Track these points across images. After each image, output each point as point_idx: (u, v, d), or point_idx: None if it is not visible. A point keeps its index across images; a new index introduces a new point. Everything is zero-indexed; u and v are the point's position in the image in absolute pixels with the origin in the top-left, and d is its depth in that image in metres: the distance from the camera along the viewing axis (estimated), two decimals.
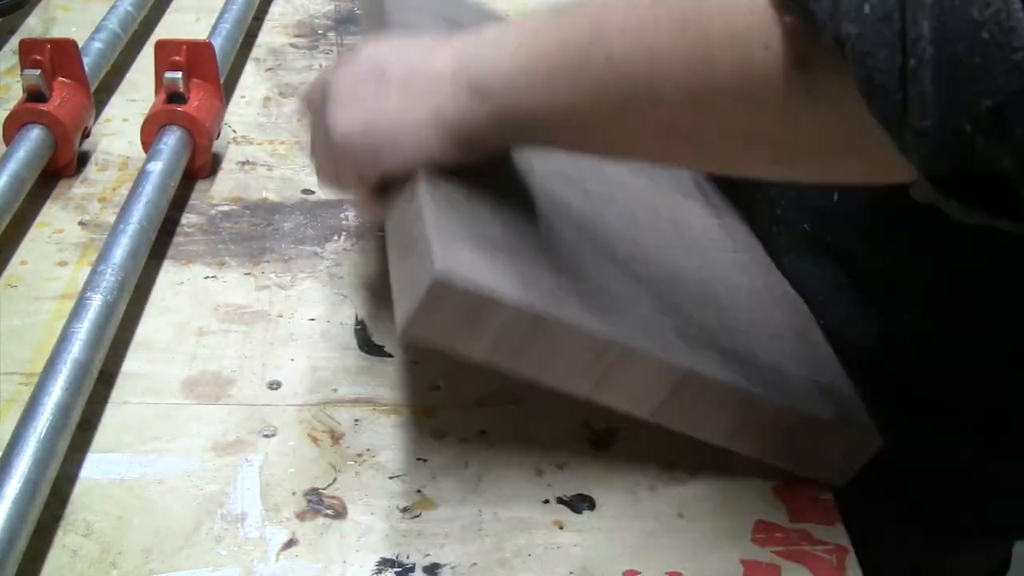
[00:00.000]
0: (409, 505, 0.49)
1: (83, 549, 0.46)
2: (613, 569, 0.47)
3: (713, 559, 0.48)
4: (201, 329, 0.58)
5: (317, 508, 0.49)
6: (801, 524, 0.49)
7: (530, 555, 0.47)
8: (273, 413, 0.54)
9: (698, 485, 0.51)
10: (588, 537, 0.48)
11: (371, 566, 0.47)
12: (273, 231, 0.66)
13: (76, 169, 0.70)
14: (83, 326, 0.52)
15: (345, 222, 0.67)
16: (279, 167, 0.72)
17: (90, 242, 0.64)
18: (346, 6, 0.93)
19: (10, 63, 0.81)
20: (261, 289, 0.62)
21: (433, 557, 0.47)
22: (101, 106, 0.77)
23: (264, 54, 0.86)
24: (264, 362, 0.57)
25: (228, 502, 0.49)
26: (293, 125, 0.77)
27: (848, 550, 0.48)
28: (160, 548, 0.46)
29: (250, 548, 0.47)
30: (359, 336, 0.59)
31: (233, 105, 0.78)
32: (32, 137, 0.66)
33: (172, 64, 0.68)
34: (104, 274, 0.56)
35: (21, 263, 0.62)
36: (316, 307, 0.61)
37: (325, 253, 0.65)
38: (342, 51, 0.87)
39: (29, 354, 0.56)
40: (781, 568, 0.47)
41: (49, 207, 0.67)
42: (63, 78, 0.69)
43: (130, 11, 0.82)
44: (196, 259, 0.64)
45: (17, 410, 0.49)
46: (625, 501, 0.50)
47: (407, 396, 0.55)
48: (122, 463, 0.50)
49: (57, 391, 0.49)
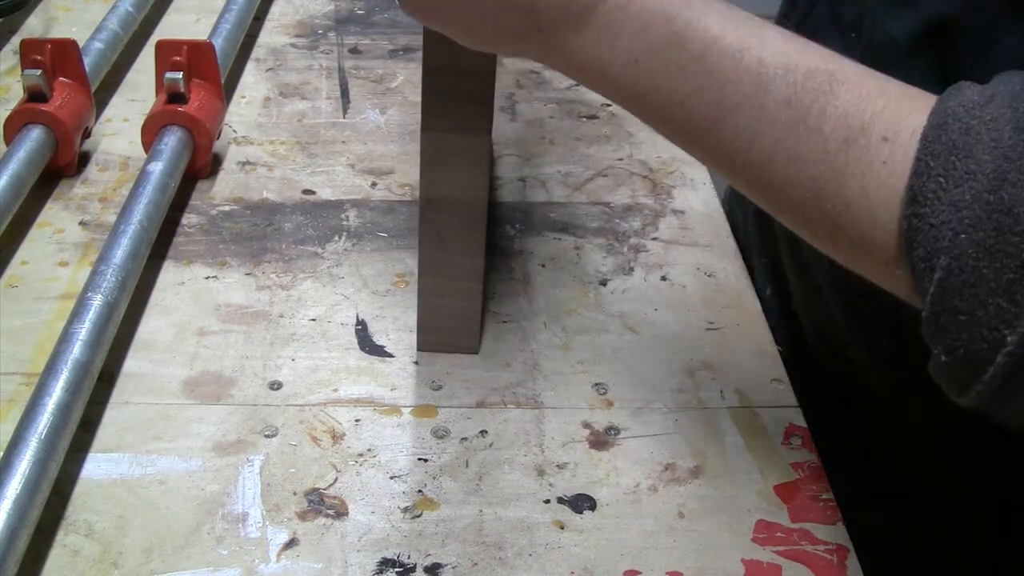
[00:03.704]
0: (410, 505, 0.49)
1: (84, 549, 0.46)
2: (614, 569, 0.47)
3: (714, 559, 0.48)
4: (202, 329, 0.58)
5: (318, 508, 0.49)
6: (802, 524, 0.49)
7: (531, 555, 0.47)
8: (274, 413, 0.54)
9: (698, 485, 0.51)
10: (589, 537, 0.48)
11: (372, 566, 0.47)
12: (274, 231, 0.66)
13: (77, 169, 0.70)
14: (84, 326, 0.52)
15: (345, 222, 0.67)
16: (279, 167, 0.72)
17: (91, 242, 0.64)
18: (346, 6, 0.93)
19: (11, 63, 0.81)
20: (262, 289, 0.62)
21: (434, 557, 0.47)
22: (102, 106, 0.77)
23: (264, 54, 0.86)
24: (265, 362, 0.57)
25: (229, 502, 0.49)
26: (293, 125, 0.77)
27: (849, 550, 0.48)
28: (161, 548, 0.46)
29: (251, 548, 0.47)
30: (360, 336, 0.59)
31: (233, 105, 0.78)
32: (33, 137, 0.66)
33: (173, 64, 0.68)
34: (105, 274, 0.56)
35: (22, 263, 0.62)
36: (317, 307, 0.61)
37: (325, 253, 0.65)
38: (342, 51, 0.87)
39: (30, 354, 0.56)
40: (782, 568, 0.47)
41: (50, 207, 0.67)
42: (64, 78, 0.69)
43: (130, 11, 0.82)
44: (197, 259, 0.64)
45: (18, 410, 0.49)
46: (625, 501, 0.50)
47: (407, 396, 0.55)
48: (123, 463, 0.50)
49: (58, 391, 0.49)
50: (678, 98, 0.41)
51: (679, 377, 0.57)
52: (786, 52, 0.40)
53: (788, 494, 0.51)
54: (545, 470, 0.52)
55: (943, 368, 0.37)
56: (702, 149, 0.43)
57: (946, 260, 0.35)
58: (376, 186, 0.71)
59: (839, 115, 0.38)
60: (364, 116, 0.78)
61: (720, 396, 0.56)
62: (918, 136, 0.37)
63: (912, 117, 0.38)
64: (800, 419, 0.55)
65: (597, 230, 0.68)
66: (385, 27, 0.90)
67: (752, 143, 0.40)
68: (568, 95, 0.81)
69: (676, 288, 0.63)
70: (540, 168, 0.73)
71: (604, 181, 0.72)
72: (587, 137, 0.77)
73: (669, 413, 0.55)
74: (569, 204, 0.70)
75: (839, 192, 0.39)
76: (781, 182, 0.40)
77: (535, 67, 0.85)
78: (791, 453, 0.53)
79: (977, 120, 0.36)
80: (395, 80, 0.83)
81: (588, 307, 0.61)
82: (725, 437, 0.54)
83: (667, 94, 0.42)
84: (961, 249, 0.35)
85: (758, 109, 0.40)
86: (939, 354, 0.37)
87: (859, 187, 0.38)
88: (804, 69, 0.39)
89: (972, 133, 0.36)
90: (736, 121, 0.40)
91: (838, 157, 0.38)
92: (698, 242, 0.67)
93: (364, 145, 0.75)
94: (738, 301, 0.62)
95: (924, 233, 0.36)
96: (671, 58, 0.41)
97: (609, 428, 0.54)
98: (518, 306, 0.61)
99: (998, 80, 0.38)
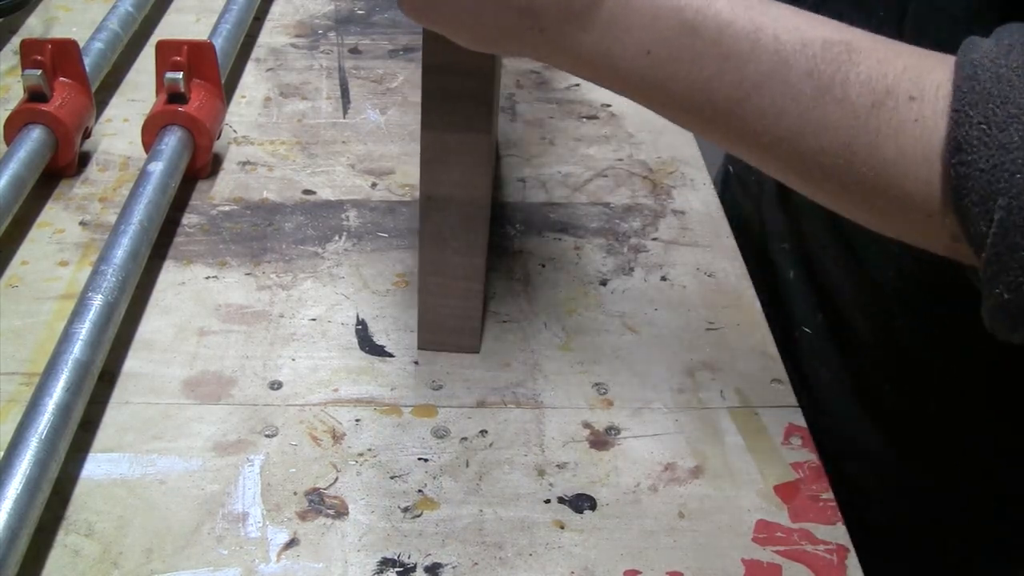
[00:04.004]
0: (410, 505, 0.49)
1: (84, 549, 0.46)
2: (614, 569, 0.47)
3: (714, 559, 0.48)
4: (202, 329, 0.58)
5: (318, 508, 0.49)
6: (802, 524, 0.49)
7: (531, 555, 0.47)
8: (274, 413, 0.54)
9: (698, 485, 0.51)
10: (589, 537, 0.48)
11: (372, 566, 0.47)
12: (274, 231, 0.66)
13: (77, 169, 0.70)
14: (84, 326, 0.52)
15: (346, 222, 0.67)
16: (280, 167, 0.72)
17: (91, 242, 0.64)
18: (346, 6, 0.93)
19: (11, 63, 0.81)
20: (262, 289, 0.62)
21: (434, 557, 0.47)
22: (102, 106, 0.77)
23: (264, 54, 0.86)
24: (265, 362, 0.57)
25: (229, 502, 0.49)
26: (293, 125, 0.77)
27: (849, 550, 0.48)
28: (161, 548, 0.47)
29: (251, 548, 0.47)
30: (360, 336, 0.59)
31: (234, 105, 0.78)
32: (33, 137, 0.66)
33: (173, 64, 0.68)
34: (105, 274, 0.56)
35: (22, 263, 0.62)
36: (317, 307, 0.61)
37: (326, 253, 0.65)
38: (342, 51, 0.87)
39: (30, 354, 0.56)
40: (782, 568, 0.47)
41: (50, 207, 0.67)
42: (64, 78, 0.69)
43: (131, 11, 0.82)
44: (197, 259, 0.64)
45: (18, 410, 0.49)
46: (625, 501, 0.50)
47: (408, 396, 0.55)
48: (123, 463, 0.50)
49: (58, 391, 0.49)
50: (698, 84, 0.42)
51: (679, 377, 0.57)
52: (799, 27, 0.41)
53: (788, 494, 0.51)
54: (545, 470, 0.52)
55: (1003, 307, 0.38)
56: (726, 130, 0.43)
57: (1005, 200, 0.36)
58: (376, 186, 0.71)
59: (863, 81, 0.39)
60: (364, 116, 0.78)
61: (720, 396, 0.56)
62: (944, 91, 0.38)
63: (933, 74, 0.39)
64: (800, 419, 0.55)
65: (597, 230, 0.68)
66: (385, 27, 0.90)
67: (779, 118, 0.41)
68: (568, 95, 0.81)
69: (676, 288, 0.63)
70: (540, 168, 0.73)
71: (604, 181, 0.72)
72: (587, 137, 0.77)
73: (669, 413, 0.55)
74: (569, 204, 0.70)
75: (874, 155, 0.39)
76: (813, 153, 0.41)
77: (535, 67, 0.85)
78: (791, 453, 0.53)
79: (1005, 68, 0.37)
80: (395, 80, 0.83)
81: (588, 307, 0.61)
82: (725, 437, 0.54)
83: (685, 82, 0.42)
84: (1020, 188, 0.36)
85: (781, 85, 0.40)
86: (1000, 293, 0.38)
87: (895, 147, 0.39)
88: (820, 41, 0.40)
89: (1004, 80, 0.37)
90: (760, 99, 0.41)
91: (868, 121, 0.39)
92: (698, 242, 0.67)
93: (364, 145, 0.75)
94: (738, 301, 0.62)
95: (975, 179, 0.37)
96: (686, 46, 0.41)
97: (609, 428, 0.54)
98: (518, 306, 0.61)
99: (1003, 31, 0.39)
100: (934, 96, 0.39)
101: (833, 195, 0.43)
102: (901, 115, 0.39)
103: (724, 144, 0.44)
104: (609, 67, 0.43)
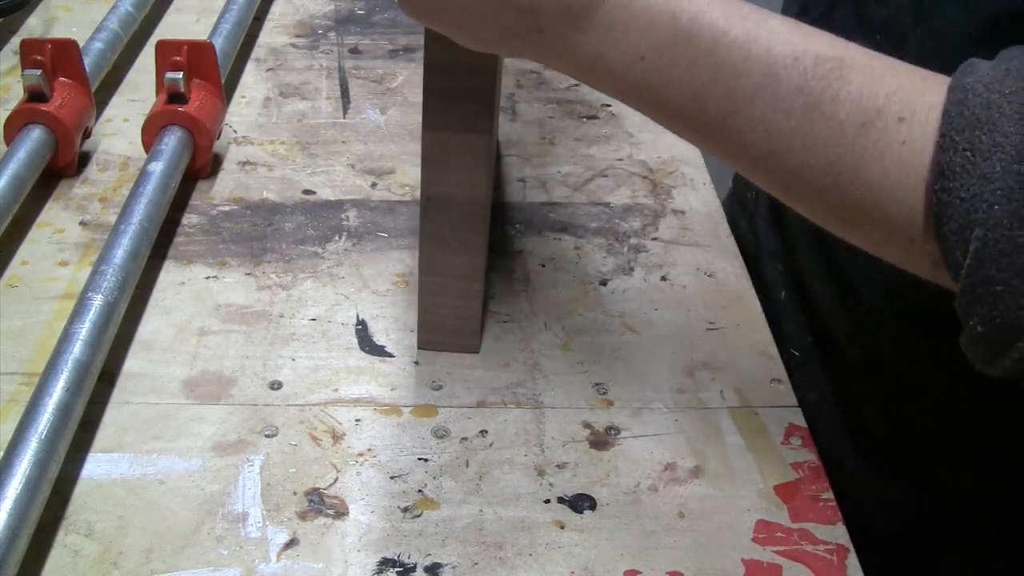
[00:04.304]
0: (410, 505, 0.49)
1: (84, 549, 0.46)
2: (614, 569, 0.47)
3: (714, 559, 0.48)
4: (202, 329, 0.58)
5: (318, 508, 0.49)
6: (802, 524, 0.49)
7: (531, 555, 0.47)
8: (274, 413, 0.54)
9: (698, 485, 0.51)
10: (589, 537, 0.48)
11: (372, 566, 0.47)
12: (274, 231, 0.66)
13: (77, 169, 0.70)
14: (84, 326, 0.52)
15: (345, 222, 0.67)
16: (279, 167, 0.72)
17: (91, 242, 0.64)
18: (346, 6, 0.93)
19: (11, 63, 0.81)
20: (262, 289, 0.62)
21: (434, 557, 0.47)
22: (102, 106, 0.77)
23: (264, 54, 0.86)
24: (265, 362, 0.57)
25: (229, 502, 0.49)
26: (293, 125, 0.77)
27: (849, 550, 0.48)
28: (161, 548, 0.47)
29: (251, 548, 0.47)
30: (360, 336, 0.59)
31: (234, 105, 0.78)
32: (33, 137, 0.66)
33: (173, 64, 0.68)
34: (105, 274, 0.56)
35: (22, 263, 0.62)
36: (317, 307, 0.61)
37: (326, 253, 0.65)
38: (342, 51, 0.87)
39: (30, 354, 0.56)
40: (782, 568, 0.47)
41: (50, 207, 0.67)
42: (64, 78, 0.69)
43: (131, 11, 0.82)
44: (197, 259, 0.64)
45: (18, 410, 0.49)
46: (625, 501, 0.50)
47: (407, 396, 0.55)
48: (123, 463, 0.50)
49: (58, 391, 0.49)
50: (690, 92, 0.42)
51: (679, 377, 0.57)
52: (792, 40, 0.40)
53: (788, 494, 0.51)
54: (545, 470, 0.52)
55: (978, 339, 0.38)
56: (716, 141, 0.43)
57: (981, 232, 0.36)
58: (376, 186, 0.71)
59: (853, 99, 0.39)
60: (364, 116, 0.78)
61: (720, 396, 0.56)
62: (935, 114, 0.38)
63: (925, 96, 0.38)
64: (800, 419, 0.55)
65: (597, 230, 0.68)
66: (385, 27, 0.90)
67: (768, 132, 0.40)
68: (568, 95, 0.81)
69: (676, 288, 0.63)
70: (540, 168, 0.73)
71: (604, 181, 0.72)
72: (587, 137, 0.77)
73: (669, 413, 0.55)
74: (569, 204, 0.70)
75: (859, 175, 0.39)
76: (799, 169, 0.40)
77: (535, 67, 0.85)
78: (791, 453, 0.53)
79: (997, 94, 0.37)
80: (395, 80, 0.83)
81: (588, 307, 0.61)
82: (725, 437, 0.54)
83: (678, 89, 0.42)
84: (996, 220, 0.35)
85: (772, 99, 0.40)
86: (975, 325, 0.37)
87: (880, 168, 0.38)
88: (812, 56, 0.40)
89: (994, 107, 0.36)
90: (751, 112, 0.41)
91: (856, 141, 0.39)
92: (698, 242, 0.67)
93: (364, 145, 0.75)
94: (738, 301, 0.62)
95: (955, 207, 0.36)
96: (680, 53, 0.41)
97: (609, 428, 0.54)
98: (518, 306, 0.61)
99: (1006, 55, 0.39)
100: (924, 119, 0.38)
101: (820, 213, 0.42)
102: (889, 136, 0.38)
103: (716, 154, 0.44)
104: (604, 70, 0.43)
